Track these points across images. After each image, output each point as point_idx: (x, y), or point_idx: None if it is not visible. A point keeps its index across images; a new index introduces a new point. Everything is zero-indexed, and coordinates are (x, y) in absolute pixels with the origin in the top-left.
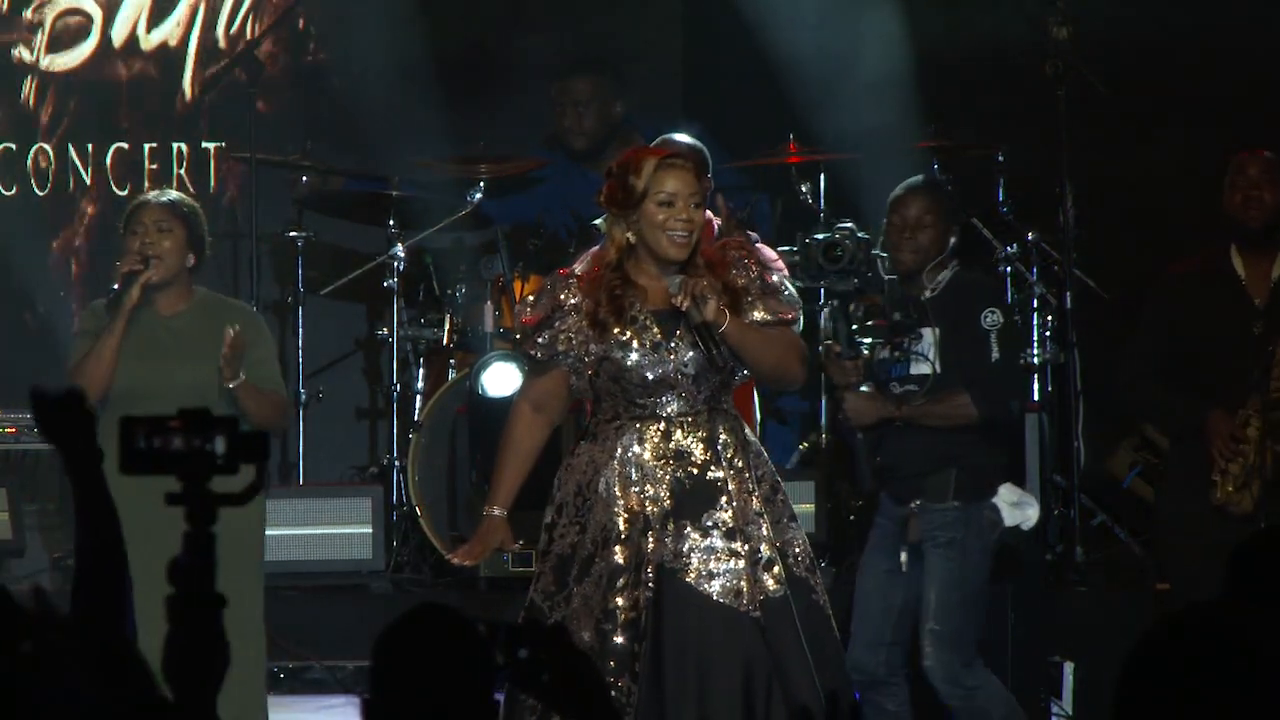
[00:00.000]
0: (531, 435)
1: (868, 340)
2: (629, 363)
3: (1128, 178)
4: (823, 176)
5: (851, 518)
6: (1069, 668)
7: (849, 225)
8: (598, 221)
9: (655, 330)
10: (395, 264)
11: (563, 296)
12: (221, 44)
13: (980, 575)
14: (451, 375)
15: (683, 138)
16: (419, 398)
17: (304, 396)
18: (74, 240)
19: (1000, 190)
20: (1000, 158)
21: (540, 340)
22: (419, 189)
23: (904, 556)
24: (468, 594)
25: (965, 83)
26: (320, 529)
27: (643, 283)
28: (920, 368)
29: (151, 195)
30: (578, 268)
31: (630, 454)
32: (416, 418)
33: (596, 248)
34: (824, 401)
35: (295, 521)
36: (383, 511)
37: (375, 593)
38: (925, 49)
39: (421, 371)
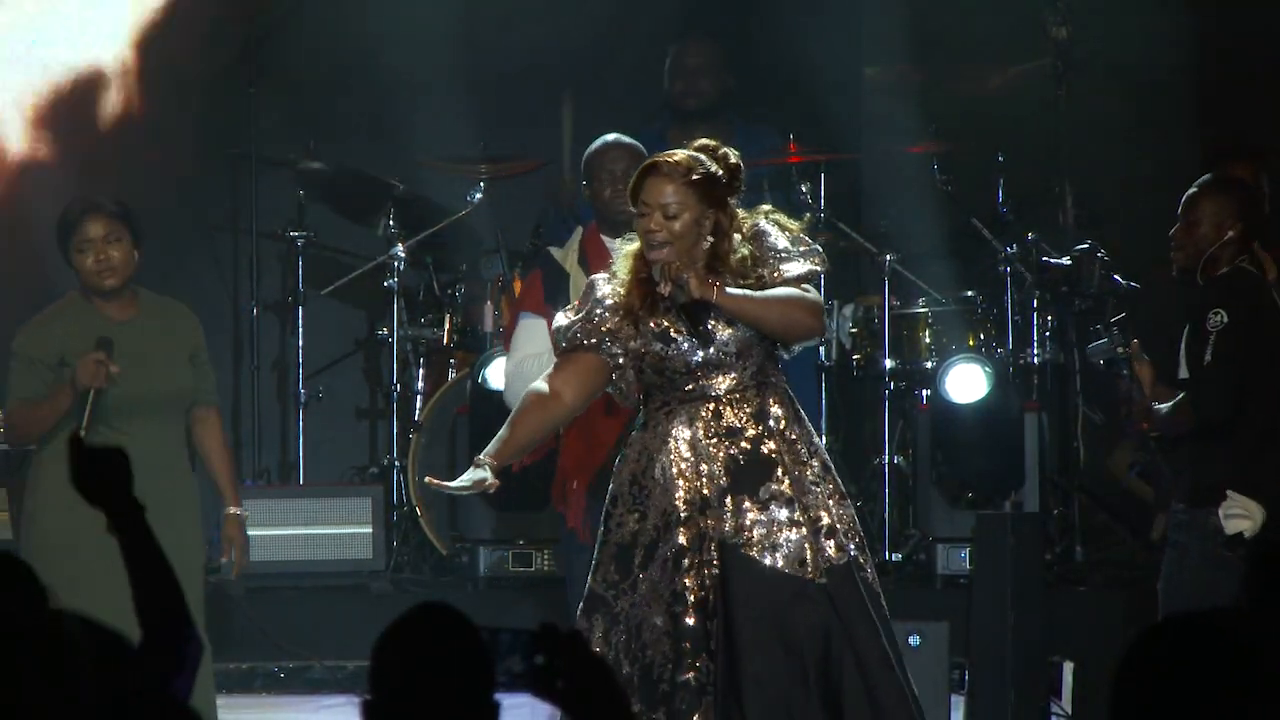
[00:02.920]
0: (536, 400)
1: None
2: (670, 352)
3: (1127, 177)
4: (823, 176)
5: None
6: (1069, 668)
7: (1085, 245)
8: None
9: (685, 320)
10: (395, 264)
11: (601, 294)
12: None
13: (1193, 581)
14: (451, 375)
15: (614, 137)
16: (419, 398)
17: (304, 396)
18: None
19: (1000, 190)
20: (1000, 158)
21: (576, 328)
22: (419, 189)
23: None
24: (468, 594)
25: (965, 83)
26: (320, 529)
27: None
28: (1184, 373)
29: (87, 204)
30: (604, 275)
31: (683, 436)
32: (416, 418)
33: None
34: (824, 403)
35: (295, 521)
36: (383, 511)
37: (375, 593)
38: (925, 48)
39: (421, 371)
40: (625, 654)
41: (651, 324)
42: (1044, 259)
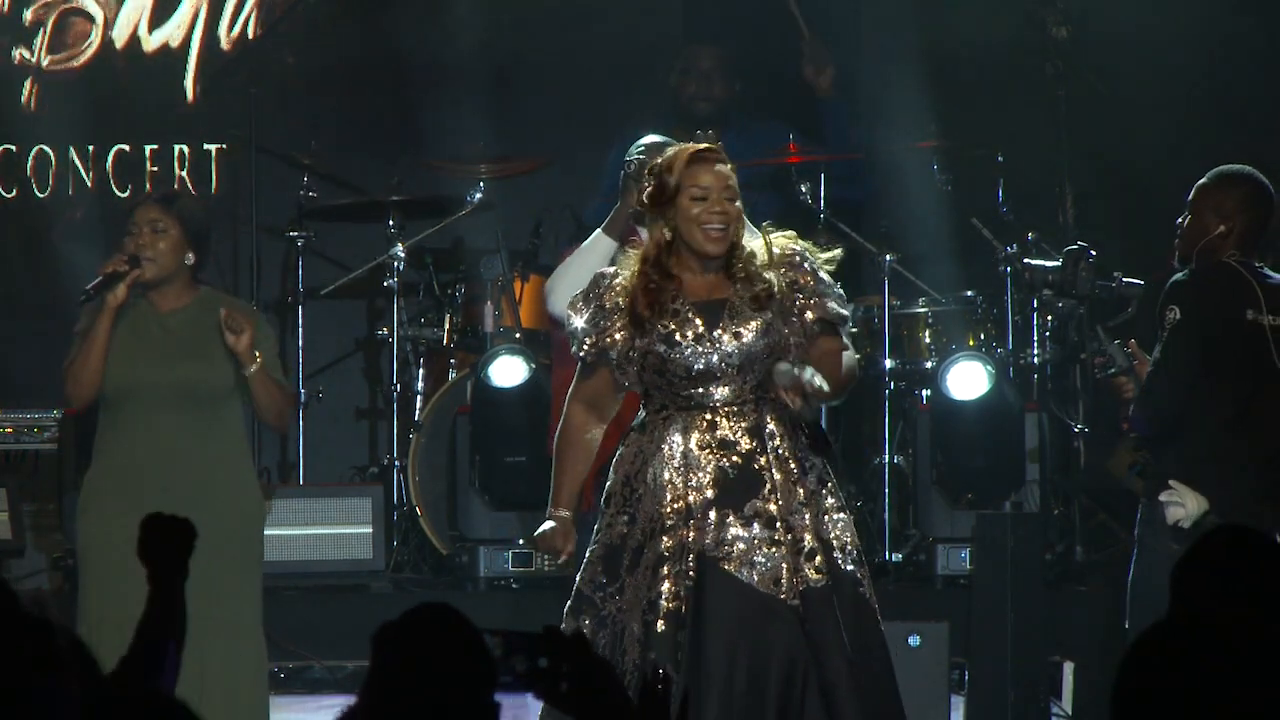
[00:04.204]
0: (587, 432)
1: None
2: (673, 355)
3: (1127, 177)
4: (823, 176)
5: None
6: (1069, 668)
7: (1077, 246)
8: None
9: (698, 322)
10: (395, 264)
11: (608, 297)
12: (224, 45)
13: (1149, 577)
14: (451, 375)
15: (655, 138)
16: (419, 398)
17: (304, 396)
18: (74, 242)
19: (1000, 190)
20: (1000, 158)
21: (588, 343)
22: (419, 189)
23: None
24: (468, 594)
25: (965, 83)
26: (320, 529)
27: (684, 276)
28: None
29: (148, 195)
30: (611, 269)
31: (676, 444)
32: (416, 418)
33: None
34: (823, 405)
35: (295, 521)
36: (383, 511)
37: (375, 593)
38: (925, 48)
39: (421, 371)
40: (610, 657)
41: (659, 326)
42: (1026, 260)
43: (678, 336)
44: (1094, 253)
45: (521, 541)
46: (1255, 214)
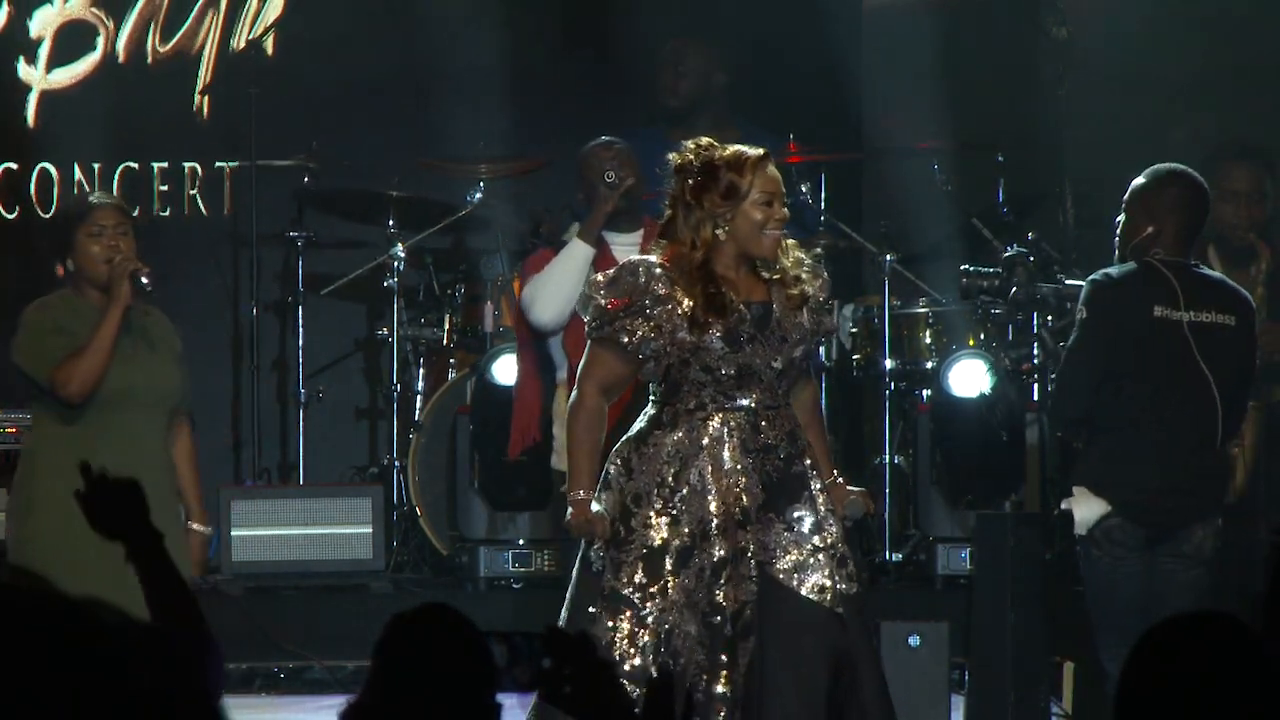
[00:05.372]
0: (602, 413)
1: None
2: (725, 355)
3: (1127, 177)
4: (823, 176)
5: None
6: (1069, 668)
7: (1016, 251)
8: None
9: (749, 325)
10: (395, 264)
11: (652, 286)
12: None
13: (1096, 578)
14: (451, 375)
15: (608, 140)
16: (419, 398)
17: (304, 396)
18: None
19: (1000, 190)
20: (1000, 158)
21: (630, 328)
22: (419, 189)
23: None
24: (468, 594)
25: (966, 83)
26: (320, 529)
27: (730, 276)
28: None
29: (98, 197)
30: (654, 257)
31: (720, 446)
32: (416, 418)
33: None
34: (824, 403)
35: (295, 521)
36: (383, 511)
37: (375, 593)
38: (926, 48)
39: (421, 371)
40: (653, 659)
41: (717, 323)
42: (964, 267)
43: (731, 338)
44: (1033, 258)
45: (521, 541)
46: (1186, 214)
